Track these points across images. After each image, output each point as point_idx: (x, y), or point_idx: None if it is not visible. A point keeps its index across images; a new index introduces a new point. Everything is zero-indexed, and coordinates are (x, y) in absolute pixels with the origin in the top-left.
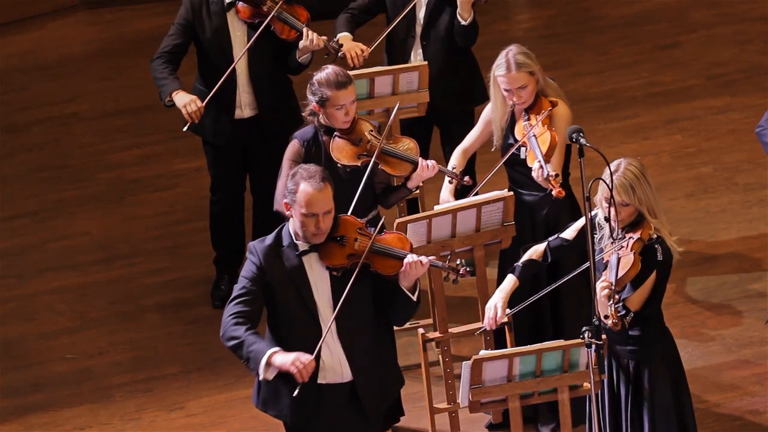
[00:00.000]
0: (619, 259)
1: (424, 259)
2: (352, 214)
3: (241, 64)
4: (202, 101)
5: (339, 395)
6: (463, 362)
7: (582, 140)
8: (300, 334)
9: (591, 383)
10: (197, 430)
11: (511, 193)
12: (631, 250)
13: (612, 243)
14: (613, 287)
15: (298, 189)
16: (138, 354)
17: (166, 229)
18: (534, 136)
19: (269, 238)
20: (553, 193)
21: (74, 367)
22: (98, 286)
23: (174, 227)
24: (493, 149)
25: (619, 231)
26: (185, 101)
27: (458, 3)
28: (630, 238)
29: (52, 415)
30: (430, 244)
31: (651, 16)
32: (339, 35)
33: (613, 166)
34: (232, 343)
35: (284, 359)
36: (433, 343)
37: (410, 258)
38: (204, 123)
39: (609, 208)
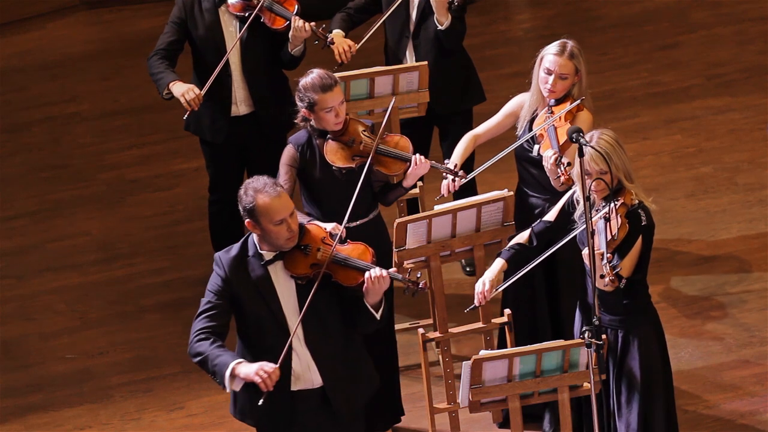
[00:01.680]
0: (606, 223)
1: (383, 272)
2: (350, 214)
3: (234, 59)
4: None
5: (311, 401)
6: (463, 362)
7: (582, 140)
8: (270, 342)
9: (591, 383)
10: (197, 430)
11: (511, 193)
12: (617, 215)
13: (596, 212)
14: (605, 252)
15: (256, 203)
16: (138, 354)
17: (166, 229)
18: (554, 126)
19: (234, 248)
20: (561, 179)
21: (74, 367)
22: (98, 286)
23: (174, 227)
24: (518, 133)
25: (600, 202)
26: (183, 90)
27: (434, 7)
28: (614, 203)
29: (52, 415)
30: (430, 244)
31: (651, 16)
32: (332, 33)
33: (586, 137)
34: (197, 359)
35: (248, 370)
36: (433, 343)
37: (372, 273)
38: (202, 123)
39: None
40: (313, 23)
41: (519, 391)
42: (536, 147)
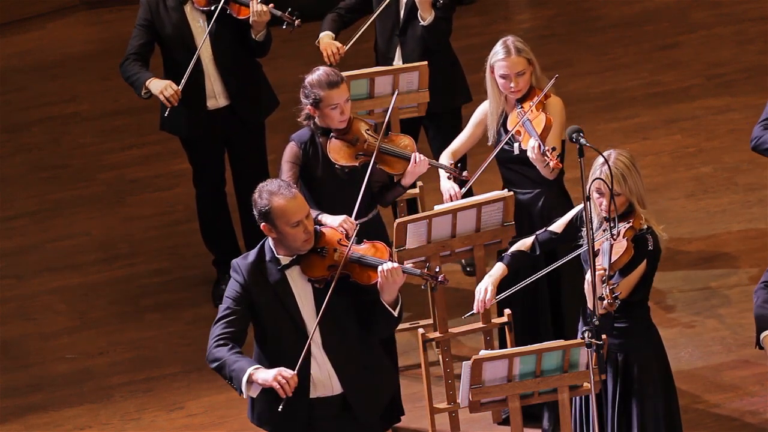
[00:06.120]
0: (611, 246)
1: (395, 264)
2: (355, 213)
3: (206, 53)
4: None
5: (330, 408)
6: (463, 362)
7: (582, 140)
8: (288, 347)
9: (591, 383)
10: (197, 430)
11: (512, 193)
12: (624, 237)
13: (603, 231)
14: (607, 271)
15: (272, 206)
16: (138, 354)
17: (166, 229)
18: (528, 120)
19: (252, 254)
20: (551, 164)
21: (74, 367)
22: (98, 286)
23: (174, 227)
24: (489, 143)
25: (611, 221)
26: (161, 87)
27: (416, 2)
28: (622, 226)
29: (52, 415)
30: (430, 244)
31: (651, 16)
32: (321, 35)
33: (604, 155)
34: (215, 365)
35: (266, 375)
36: (433, 343)
37: (384, 266)
38: (178, 120)
39: (610, 201)
40: (271, 5)
41: (519, 391)
42: (516, 145)
